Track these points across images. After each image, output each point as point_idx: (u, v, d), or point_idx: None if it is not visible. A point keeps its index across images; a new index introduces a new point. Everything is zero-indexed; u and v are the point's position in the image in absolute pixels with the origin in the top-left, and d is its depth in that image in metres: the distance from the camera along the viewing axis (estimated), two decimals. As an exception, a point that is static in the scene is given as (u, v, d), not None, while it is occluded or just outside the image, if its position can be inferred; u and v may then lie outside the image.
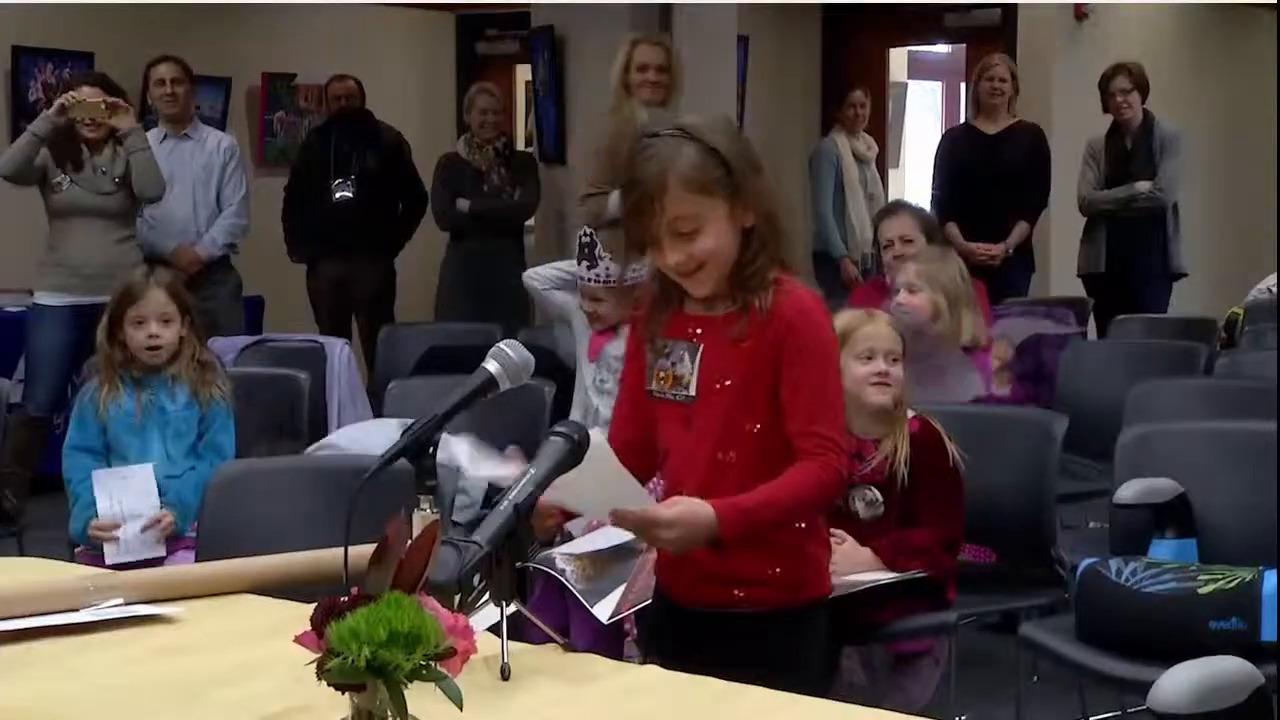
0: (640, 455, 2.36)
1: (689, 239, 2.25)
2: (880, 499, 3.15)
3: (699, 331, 2.32)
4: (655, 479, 2.47)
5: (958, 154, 6.77)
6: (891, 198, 8.08)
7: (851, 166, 7.28)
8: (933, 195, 6.88)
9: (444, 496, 2.93)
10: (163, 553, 3.64)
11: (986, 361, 4.12)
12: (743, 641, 2.29)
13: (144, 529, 3.64)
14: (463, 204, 6.80)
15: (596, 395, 4.08)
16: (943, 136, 7.25)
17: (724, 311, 2.30)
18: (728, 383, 2.28)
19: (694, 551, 2.25)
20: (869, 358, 3.18)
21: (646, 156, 2.24)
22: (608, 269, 4.01)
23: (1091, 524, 4.77)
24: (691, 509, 2.19)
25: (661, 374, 2.34)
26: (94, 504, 3.66)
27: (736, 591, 2.31)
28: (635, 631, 3.22)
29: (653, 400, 2.36)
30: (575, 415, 4.10)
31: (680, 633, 2.35)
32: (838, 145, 7.28)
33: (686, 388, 2.31)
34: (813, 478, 2.24)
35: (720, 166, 2.24)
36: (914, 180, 10.24)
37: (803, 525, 2.34)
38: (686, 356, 2.32)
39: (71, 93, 5.59)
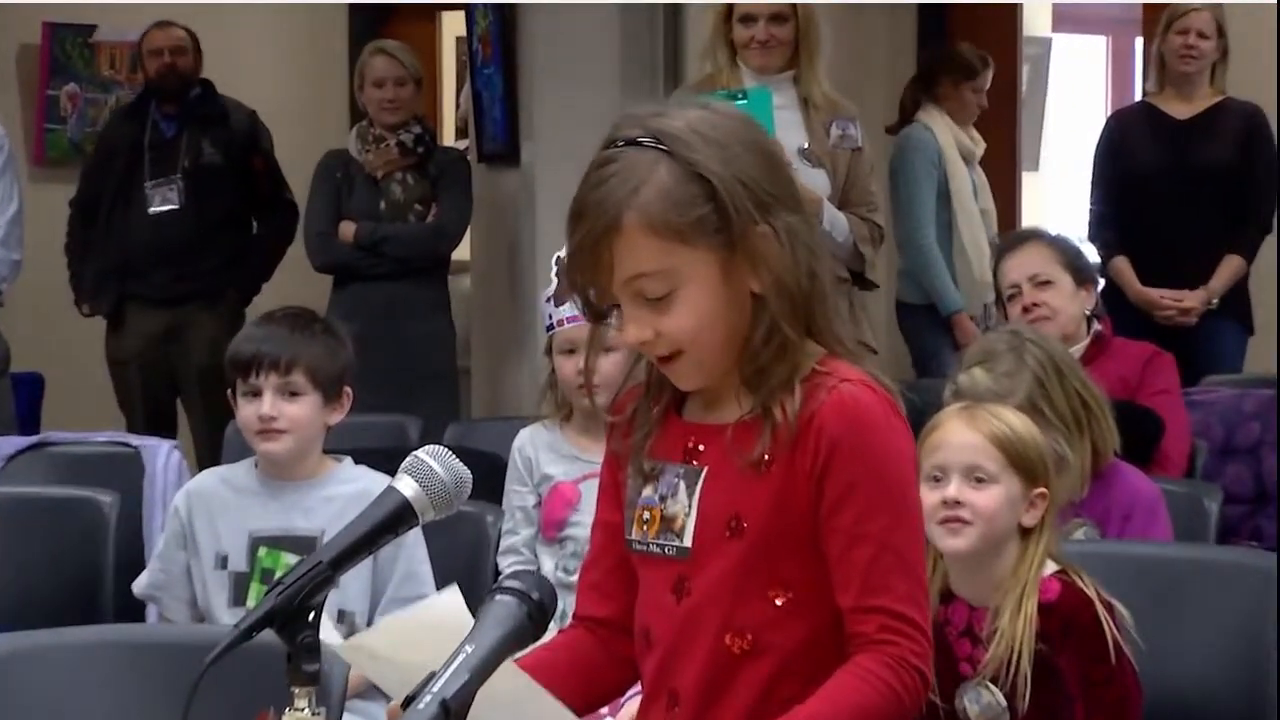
0: (629, 642, 2.37)
1: (658, 308, 2.24)
2: (1002, 702, 3.16)
3: (700, 448, 2.32)
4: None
5: (1132, 149, 6.81)
6: (1025, 221, 8.08)
7: (960, 169, 7.20)
8: (1091, 214, 6.92)
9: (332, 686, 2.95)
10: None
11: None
12: None
13: None
14: (346, 229, 6.79)
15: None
16: (1107, 122, 7.30)
17: (735, 418, 2.29)
18: (742, 528, 2.27)
19: None
20: (937, 478, 3.17)
21: (603, 175, 2.23)
22: None
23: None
24: None
25: (646, 514, 2.33)
26: None
27: None
28: None
29: (633, 555, 2.36)
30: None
31: None
32: (936, 135, 7.21)
33: (680, 535, 2.31)
34: (877, 683, 2.22)
35: (707, 200, 2.21)
36: (1061, 190, 10.30)
37: None
38: (682, 486, 2.31)
39: None
